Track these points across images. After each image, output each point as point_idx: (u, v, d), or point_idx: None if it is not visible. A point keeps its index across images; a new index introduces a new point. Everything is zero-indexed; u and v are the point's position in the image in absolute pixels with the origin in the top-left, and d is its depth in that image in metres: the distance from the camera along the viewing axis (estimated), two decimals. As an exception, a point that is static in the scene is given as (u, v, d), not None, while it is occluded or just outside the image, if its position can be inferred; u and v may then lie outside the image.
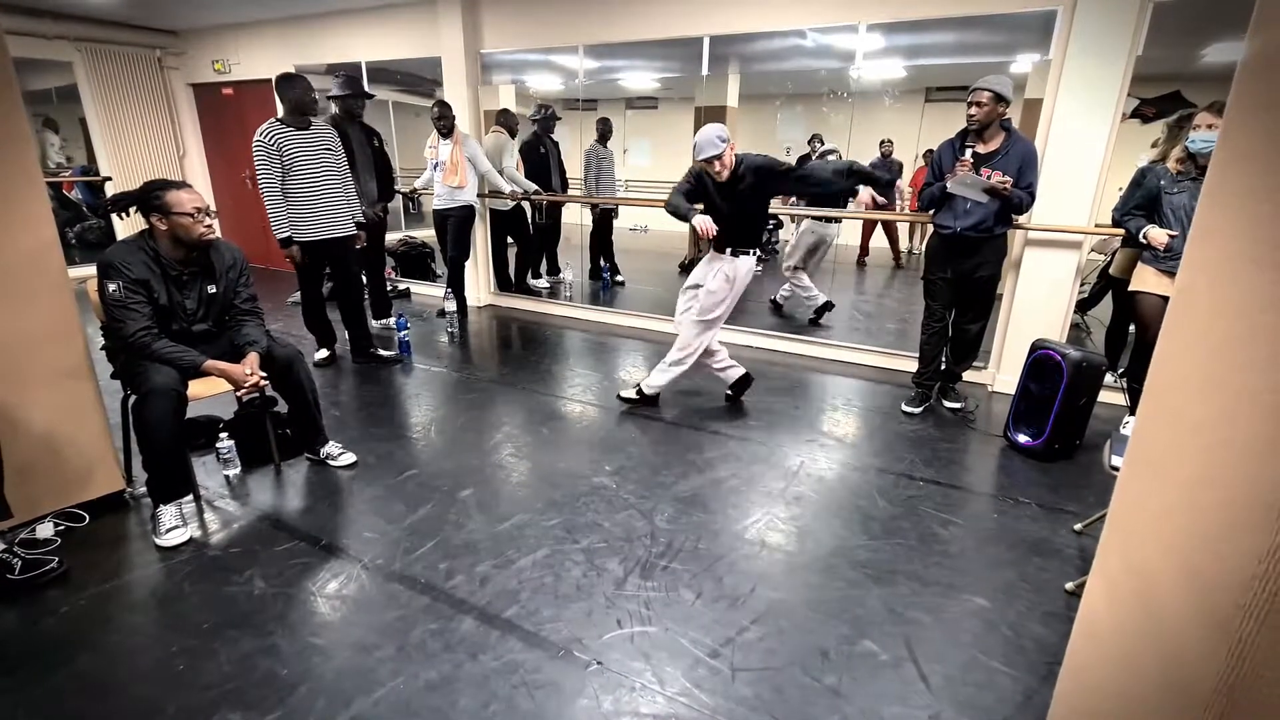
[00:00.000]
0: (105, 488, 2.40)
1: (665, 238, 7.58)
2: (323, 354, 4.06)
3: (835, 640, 1.84)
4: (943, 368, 3.52)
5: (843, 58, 4.06)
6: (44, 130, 6.72)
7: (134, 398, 2.25)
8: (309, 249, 3.65)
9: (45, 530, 2.22)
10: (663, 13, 4.44)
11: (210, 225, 2.32)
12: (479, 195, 5.10)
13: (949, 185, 3.03)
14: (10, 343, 2.11)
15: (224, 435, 2.66)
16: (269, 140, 3.44)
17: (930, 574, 2.14)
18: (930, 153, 3.91)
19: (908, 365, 3.89)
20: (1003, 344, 3.78)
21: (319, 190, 3.61)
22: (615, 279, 6.24)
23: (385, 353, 4.16)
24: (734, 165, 2.95)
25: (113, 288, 2.19)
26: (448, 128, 4.71)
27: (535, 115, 5.52)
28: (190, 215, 2.24)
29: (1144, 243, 2.80)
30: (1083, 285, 3.84)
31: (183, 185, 2.28)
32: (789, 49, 4.29)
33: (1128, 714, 1.06)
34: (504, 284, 5.83)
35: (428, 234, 5.89)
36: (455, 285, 5.03)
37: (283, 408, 2.78)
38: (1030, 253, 3.59)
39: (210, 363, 2.30)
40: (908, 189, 6.86)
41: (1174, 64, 3.99)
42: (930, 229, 3.37)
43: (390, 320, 4.82)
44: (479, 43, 5.22)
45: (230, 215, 7.15)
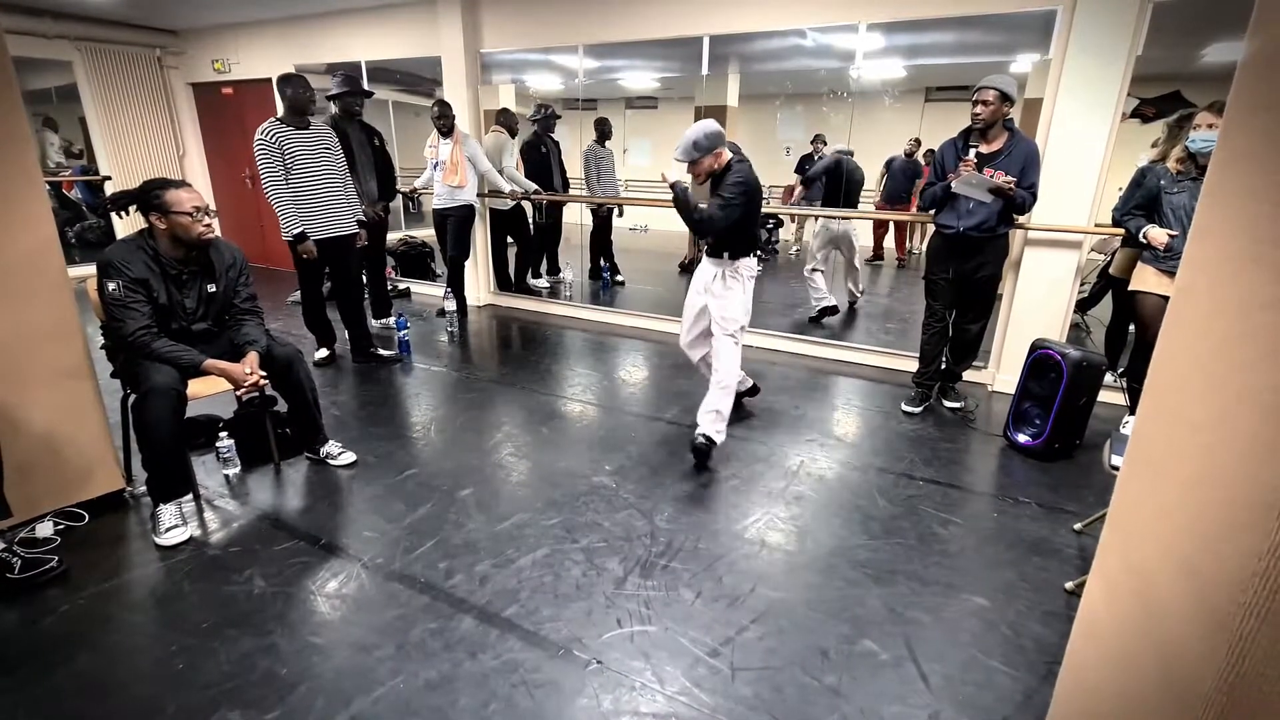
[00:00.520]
0: (105, 487, 2.40)
1: (665, 237, 7.58)
2: (322, 353, 4.06)
3: (835, 640, 1.84)
4: (943, 367, 3.52)
5: (843, 57, 4.06)
6: (43, 130, 6.71)
7: (134, 397, 2.25)
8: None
9: (45, 529, 2.22)
10: (662, 12, 4.44)
11: (209, 225, 2.32)
12: (479, 195, 5.10)
13: (954, 185, 3.02)
14: (10, 342, 2.11)
15: (224, 434, 2.66)
16: (270, 138, 3.45)
17: (930, 573, 2.14)
18: (931, 153, 3.91)
19: (908, 365, 3.89)
20: (1003, 344, 3.78)
21: (317, 189, 3.61)
22: (615, 279, 6.24)
23: (385, 352, 4.16)
24: (725, 169, 2.69)
25: (112, 287, 2.19)
26: (448, 127, 4.71)
27: (535, 115, 5.52)
28: (189, 215, 2.24)
29: (1144, 242, 2.81)
30: (1082, 285, 3.83)
31: (182, 184, 2.28)
32: (789, 49, 4.29)
33: (1128, 713, 1.06)
34: (504, 283, 5.83)
35: (428, 233, 5.89)
36: (455, 285, 5.03)
37: (282, 407, 2.78)
38: (1030, 252, 3.59)
39: (210, 362, 2.30)
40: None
41: (1174, 64, 3.99)
42: (931, 229, 3.36)
43: (390, 320, 4.82)
44: (479, 42, 5.22)
45: (230, 215, 7.15)
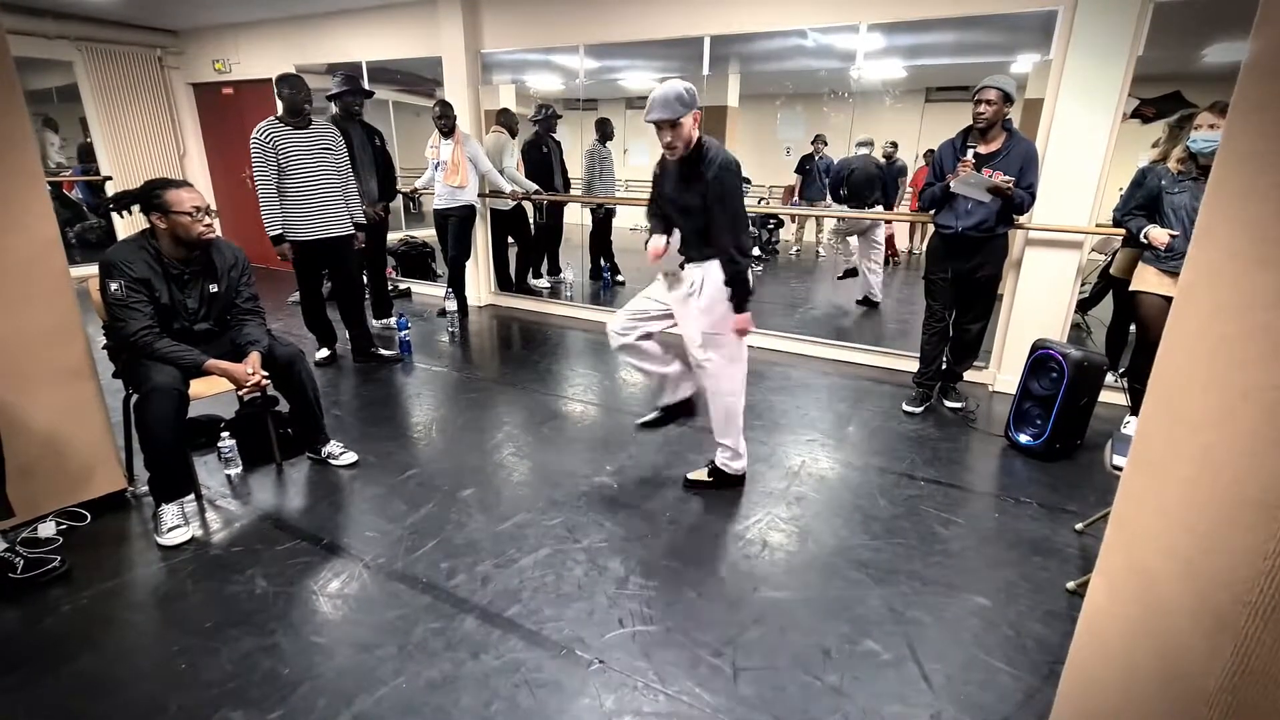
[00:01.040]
0: (107, 487, 2.40)
1: (665, 237, 7.56)
2: (323, 353, 4.06)
3: (837, 639, 1.84)
4: (943, 368, 3.52)
5: (843, 58, 4.06)
6: (44, 130, 6.71)
7: (135, 397, 2.25)
8: (305, 248, 3.65)
9: (47, 529, 2.22)
10: (663, 12, 4.44)
11: (209, 224, 2.32)
12: (480, 195, 5.10)
13: (953, 185, 3.03)
14: (12, 342, 2.11)
15: (225, 434, 2.66)
16: (263, 137, 3.46)
17: (931, 573, 2.14)
18: (930, 153, 3.91)
19: (908, 365, 3.89)
20: (1003, 344, 3.78)
21: (314, 189, 3.60)
22: (615, 279, 6.24)
23: (386, 352, 4.16)
24: (695, 146, 2.21)
25: (115, 287, 2.19)
26: (449, 127, 4.71)
27: (537, 115, 5.52)
28: (189, 214, 2.24)
29: (1145, 243, 2.81)
30: (1083, 285, 3.84)
31: (183, 184, 2.28)
32: (790, 49, 4.29)
33: (1132, 711, 1.07)
34: (504, 284, 5.83)
35: (428, 234, 5.89)
36: (456, 285, 5.03)
37: (284, 407, 2.78)
38: (1031, 252, 3.59)
39: (212, 362, 2.30)
40: (908, 189, 6.86)
41: (1174, 64, 4.00)
42: (931, 229, 3.37)
43: (391, 320, 4.82)
44: (479, 42, 5.22)
45: (231, 215, 7.15)
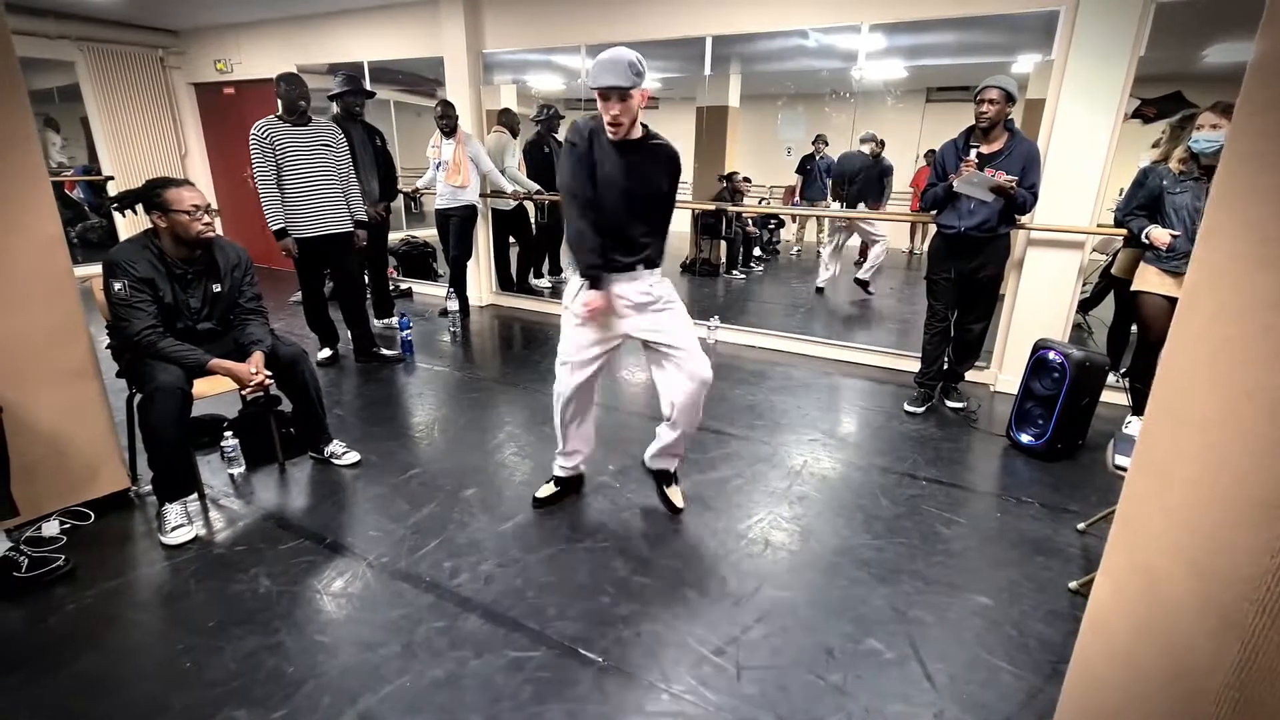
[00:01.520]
0: (110, 486, 2.41)
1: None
2: (325, 353, 4.06)
3: (840, 639, 1.84)
4: (945, 368, 3.52)
5: (845, 58, 4.06)
6: (45, 129, 6.72)
7: (139, 396, 2.26)
8: (306, 246, 3.65)
9: (51, 528, 2.23)
10: (665, 12, 4.44)
11: (209, 223, 2.32)
12: (481, 195, 5.10)
13: (955, 185, 3.03)
14: (15, 342, 2.11)
15: (228, 434, 2.66)
16: (262, 135, 3.47)
17: (933, 573, 2.14)
18: (932, 153, 3.91)
19: (910, 365, 3.90)
20: (1005, 344, 3.78)
21: (313, 188, 3.60)
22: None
23: (388, 352, 4.16)
24: (641, 129, 1.99)
25: (118, 286, 2.19)
26: (450, 127, 4.71)
27: (538, 115, 5.53)
28: (188, 213, 2.25)
29: (1146, 243, 2.81)
30: (1085, 285, 3.84)
31: (184, 183, 2.29)
32: (791, 49, 4.30)
33: (1137, 710, 1.07)
34: (506, 283, 5.83)
35: (429, 233, 5.89)
36: (457, 285, 5.04)
37: (287, 406, 2.78)
38: (1032, 253, 3.60)
39: (215, 361, 2.31)
40: (908, 189, 6.87)
41: (1176, 64, 4.00)
42: (933, 230, 3.37)
43: (393, 320, 4.82)
44: (481, 42, 5.22)
45: (232, 214, 7.15)
